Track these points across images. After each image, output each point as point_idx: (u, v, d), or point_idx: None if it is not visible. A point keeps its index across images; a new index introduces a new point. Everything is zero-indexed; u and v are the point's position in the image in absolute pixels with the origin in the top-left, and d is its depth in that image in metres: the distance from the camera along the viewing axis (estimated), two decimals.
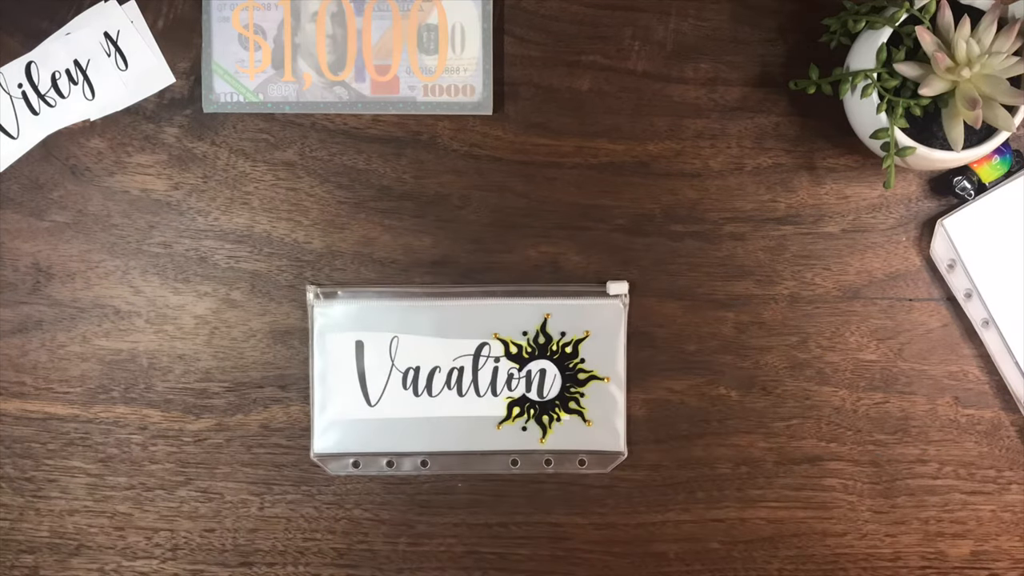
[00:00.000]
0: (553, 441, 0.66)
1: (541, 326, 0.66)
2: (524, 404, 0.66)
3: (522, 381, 0.66)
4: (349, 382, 0.66)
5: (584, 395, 0.66)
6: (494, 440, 0.66)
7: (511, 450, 0.66)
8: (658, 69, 0.68)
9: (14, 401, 0.67)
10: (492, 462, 0.66)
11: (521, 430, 0.66)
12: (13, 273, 0.67)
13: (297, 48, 0.66)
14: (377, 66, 0.66)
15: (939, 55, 0.57)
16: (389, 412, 0.66)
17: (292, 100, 0.67)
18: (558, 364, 0.66)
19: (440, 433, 0.66)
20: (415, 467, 0.66)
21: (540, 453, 0.66)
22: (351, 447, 0.66)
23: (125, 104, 0.67)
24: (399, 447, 0.66)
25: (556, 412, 0.66)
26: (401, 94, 0.67)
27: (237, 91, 0.66)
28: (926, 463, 0.68)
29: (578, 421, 0.66)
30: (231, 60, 0.66)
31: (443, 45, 0.67)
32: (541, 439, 0.66)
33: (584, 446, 0.66)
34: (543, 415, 0.66)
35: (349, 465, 0.66)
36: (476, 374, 0.66)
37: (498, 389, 0.66)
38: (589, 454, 0.66)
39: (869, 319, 0.68)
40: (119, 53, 0.66)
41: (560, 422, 0.66)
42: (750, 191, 0.68)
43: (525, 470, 0.67)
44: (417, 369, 0.66)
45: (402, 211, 0.67)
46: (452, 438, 0.66)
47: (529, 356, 0.66)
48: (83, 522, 0.67)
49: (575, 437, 0.66)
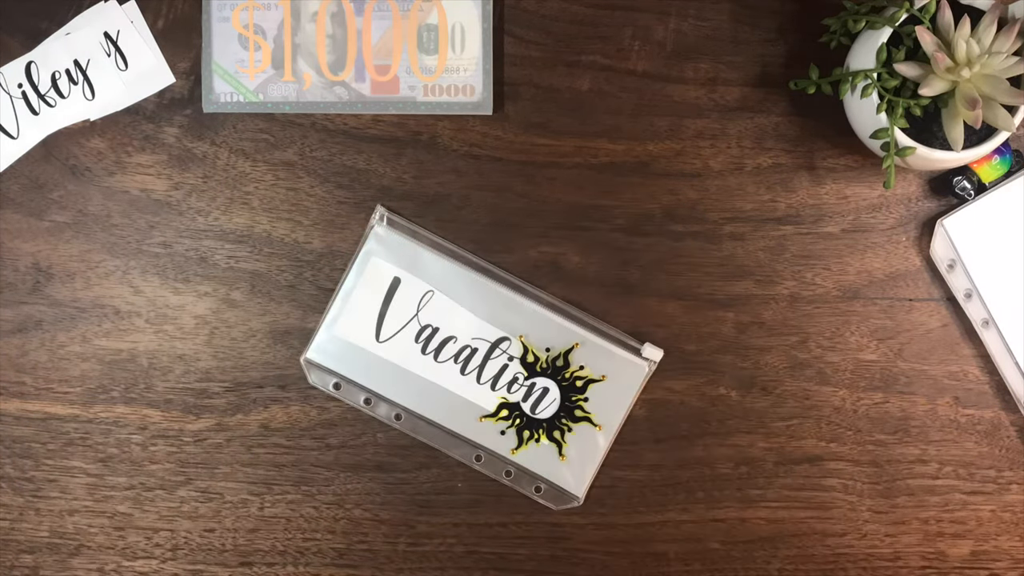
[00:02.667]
0: (522, 457, 0.66)
1: (566, 351, 0.66)
2: (513, 411, 0.66)
3: (523, 389, 0.66)
4: (369, 311, 0.66)
5: (571, 431, 0.66)
6: (471, 429, 0.66)
7: (481, 445, 0.66)
8: (658, 69, 0.68)
9: (14, 401, 0.67)
10: (459, 447, 0.66)
11: (499, 433, 0.66)
12: (13, 273, 0.67)
13: (297, 48, 0.66)
14: (377, 66, 0.66)
15: (939, 55, 0.57)
16: (391, 355, 0.66)
17: (292, 100, 0.67)
18: (563, 391, 0.66)
19: (427, 397, 0.66)
20: (388, 415, 0.66)
21: (505, 462, 0.66)
22: (341, 369, 0.66)
23: (125, 104, 0.67)
24: (383, 391, 0.66)
25: (538, 433, 0.66)
26: (401, 94, 0.67)
27: (237, 91, 0.66)
28: (926, 463, 0.68)
29: (553, 451, 0.66)
30: (231, 60, 0.66)
31: (443, 45, 0.67)
32: (513, 450, 0.66)
33: (547, 475, 0.66)
34: (525, 429, 0.66)
35: (331, 385, 0.67)
36: (486, 362, 0.66)
37: (497, 385, 0.66)
38: (548, 485, 0.66)
39: (869, 319, 0.68)
40: (119, 53, 0.66)
41: (537, 444, 0.66)
42: (750, 191, 0.68)
43: (484, 469, 0.67)
44: (436, 330, 0.66)
45: (402, 211, 0.67)
46: (435, 407, 0.66)
47: (541, 371, 0.66)
48: (83, 522, 0.67)
49: (543, 464, 0.66)
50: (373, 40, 0.67)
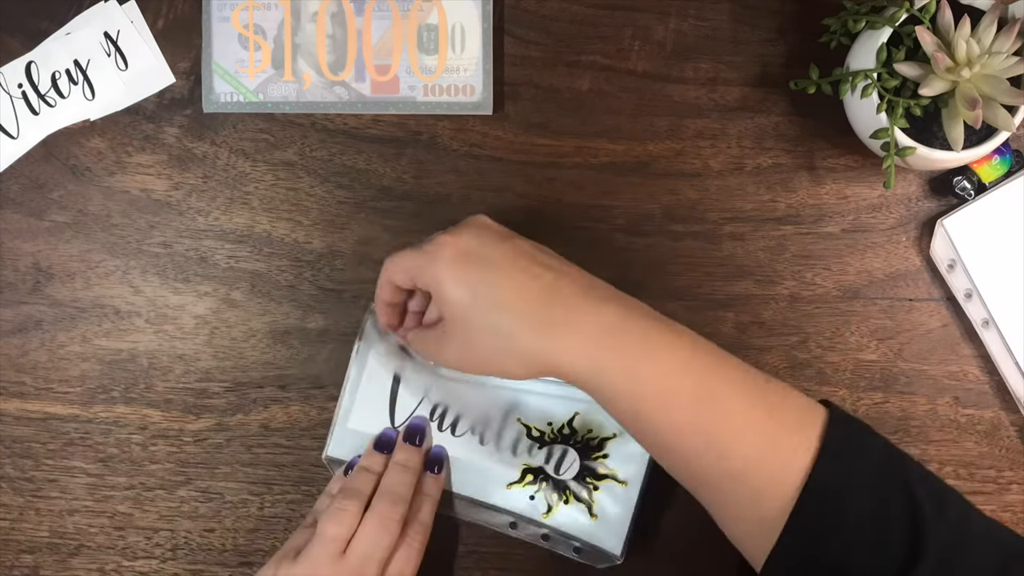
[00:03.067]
0: (555, 519, 0.65)
1: (569, 420, 0.65)
2: (539, 475, 0.65)
3: (543, 453, 0.65)
4: (379, 398, 0.65)
5: (598, 489, 0.65)
6: (501, 497, 0.65)
7: (514, 511, 0.65)
8: (658, 69, 0.68)
9: (14, 401, 0.67)
10: (493, 516, 0.65)
11: (529, 498, 0.65)
12: (13, 273, 0.67)
13: (297, 48, 0.67)
14: (377, 66, 0.66)
15: (939, 55, 0.57)
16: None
17: (292, 100, 0.67)
18: (580, 452, 0.65)
19: (452, 471, 0.65)
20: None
21: (540, 525, 0.65)
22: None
23: (125, 104, 0.67)
24: None
25: (566, 495, 0.65)
26: (401, 94, 0.67)
27: (237, 91, 0.66)
28: (926, 463, 0.68)
29: (583, 510, 0.65)
30: (231, 60, 0.66)
31: (443, 45, 0.67)
32: (544, 514, 0.65)
33: (583, 535, 0.65)
34: (554, 492, 0.65)
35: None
36: (501, 431, 0.65)
37: (518, 451, 0.65)
38: (587, 545, 0.65)
39: (869, 319, 0.68)
40: (119, 53, 0.66)
41: (567, 504, 0.65)
42: (750, 191, 0.68)
43: (521, 535, 0.66)
44: (447, 407, 0.65)
45: (402, 211, 0.67)
46: (462, 481, 0.65)
47: (551, 441, 0.65)
48: (83, 522, 0.67)
49: (577, 524, 0.65)
50: (373, 40, 0.67)
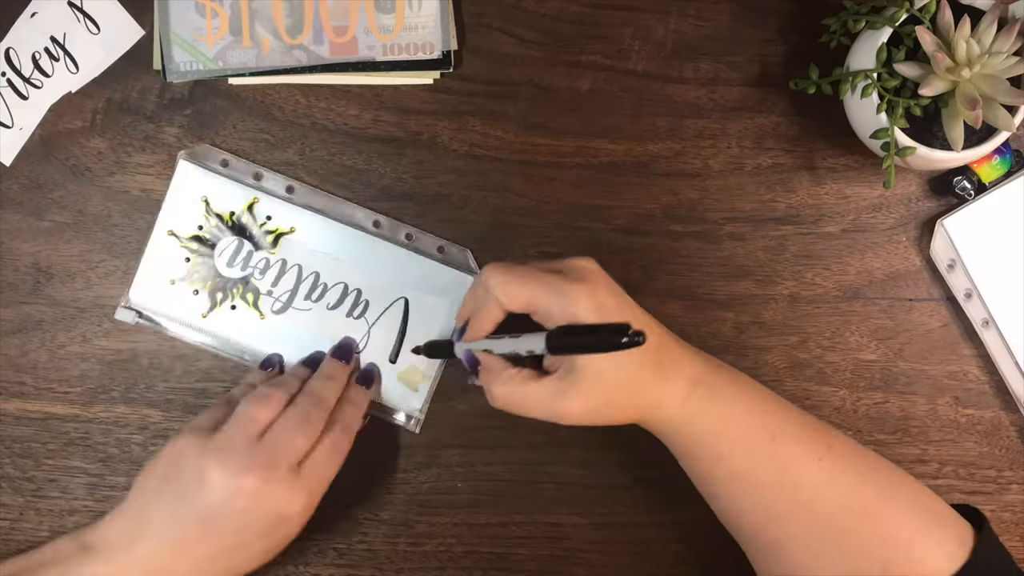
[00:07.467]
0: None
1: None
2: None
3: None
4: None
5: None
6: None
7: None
8: (658, 69, 0.68)
9: (14, 401, 0.67)
10: (357, 214, 0.67)
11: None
12: (13, 273, 0.67)
13: (254, 13, 0.66)
14: (335, 27, 0.66)
15: (939, 55, 0.57)
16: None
17: (252, 66, 0.66)
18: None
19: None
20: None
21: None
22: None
23: (105, 66, 0.66)
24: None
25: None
26: (360, 55, 0.66)
27: (196, 59, 0.65)
28: (926, 463, 0.68)
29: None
30: (189, 29, 0.66)
31: (400, 3, 0.66)
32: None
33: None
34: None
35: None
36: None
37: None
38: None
39: (869, 319, 0.68)
40: (87, 18, 0.65)
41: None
42: (750, 191, 0.68)
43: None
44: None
45: (402, 211, 0.67)
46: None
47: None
48: (83, 522, 0.67)
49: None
50: (329, 2, 0.66)
